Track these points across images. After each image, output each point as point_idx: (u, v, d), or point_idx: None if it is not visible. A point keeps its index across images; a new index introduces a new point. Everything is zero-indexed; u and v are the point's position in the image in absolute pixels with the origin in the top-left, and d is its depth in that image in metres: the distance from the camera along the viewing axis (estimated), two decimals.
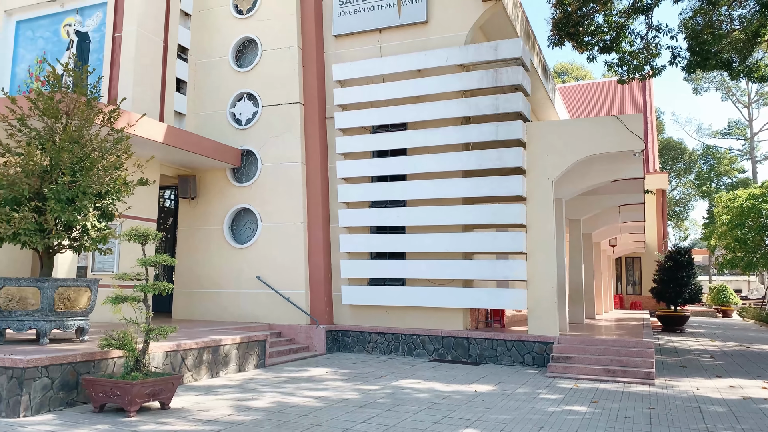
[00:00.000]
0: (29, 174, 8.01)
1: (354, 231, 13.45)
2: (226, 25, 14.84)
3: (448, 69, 12.75)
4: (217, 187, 14.38)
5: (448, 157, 12.40)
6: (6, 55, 14.84)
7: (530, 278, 11.92)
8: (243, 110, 14.42)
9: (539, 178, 12.05)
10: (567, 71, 53.52)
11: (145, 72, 13.20)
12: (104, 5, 13.79)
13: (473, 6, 12.81)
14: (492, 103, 12.15)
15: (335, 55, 14.14)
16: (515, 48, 12.11)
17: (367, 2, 13.75)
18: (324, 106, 14.11)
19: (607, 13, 15.03)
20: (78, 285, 8.34)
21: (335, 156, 13.80)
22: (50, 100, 8.33)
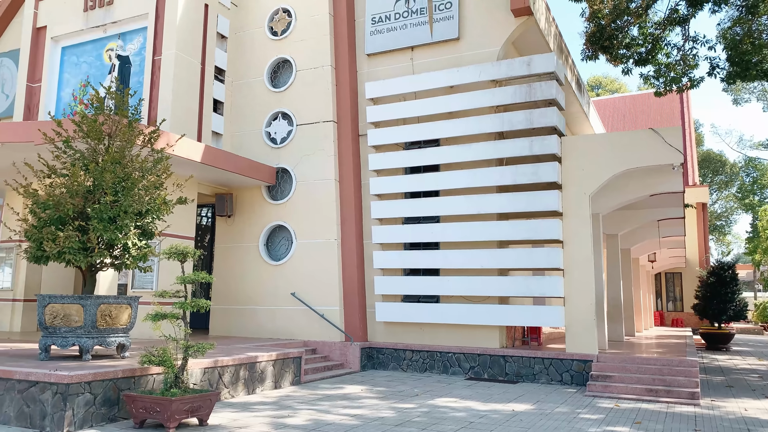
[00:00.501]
0: (74, 194, 8.26)
1: (387, 247, 13.46)
2: (262, 47, 15.15)
3: (480, 85, 12.74)
4: (252, 205, 14.59)
5: (481, 173, 12.35)
6: (52, 80, 15.42)
7: (567, 295, 11.72)
8: (278, 129, 14.65)
9: (575, 193, 11.89)
10: (601, 84, 52.90)
11: (183, 93, 13.55)
12: (144, 30, 14.25)
13: (505, 22, 12.81)
14: (526, 117, 12.07)
15: (368, 73, 14.28)
16: (549, 62, 12.04)
17: (399, 21, 13.88)
18: (357, 124, 14.24)
19: (642, 25, 14.85)
20: (119, 302, 8.53)
21: (368, 173, 13.87)
22: (94, 122, 8.61)
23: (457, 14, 13.26)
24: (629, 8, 14.58)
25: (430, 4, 13.56)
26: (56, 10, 15.53)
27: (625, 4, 14.49)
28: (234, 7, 15.49)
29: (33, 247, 8.42)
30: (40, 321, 8.24)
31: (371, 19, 14.25)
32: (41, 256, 8.35)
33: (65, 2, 15.42)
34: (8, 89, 17.56)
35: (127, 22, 14.50)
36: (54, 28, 15.49)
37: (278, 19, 15.07)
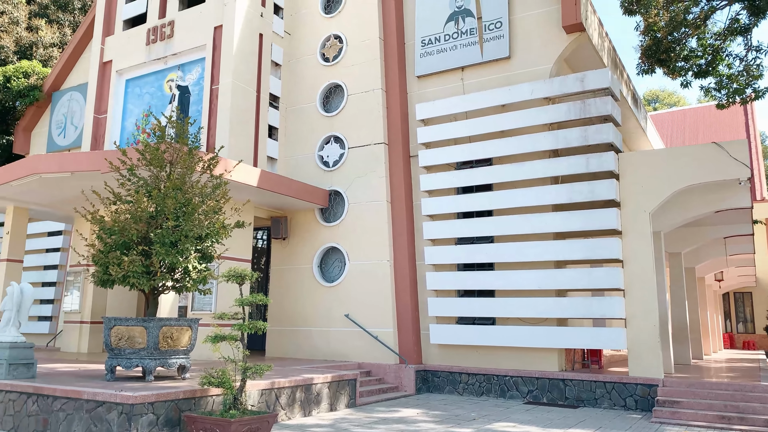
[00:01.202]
0: (137, 220, 8.59)
1: (440, 268, 13.36)
2: (314, 73, 15.48)
3: (533, 103, 12.61)
4: (306, 227, 14.80)
5: (536, 191, 12.15)
6: (117, 111, 16.19)
7: (629, 316, 11.31)
8: (330, 152, 14.87)
9: (635, 211, 11.53)
10: (658, 98, 51.44)
11: (240, 120, 13.96)
12: (203, 60, 14.82)
13: (557, 39, 12.68)
14: (581, 134, 11.84)
15: (418, 94, 14.36)
16: (603, 78, 11.81)
17: (449, 42, 13.94)
18: (408, 145, 14.30)
19: (700, 36, 14.40)
20: (180, 324, 8.76)
21: (420, 194, 13.87)
22: (156, 150, 8.96)
23: (508, 33, 13.21)
24: (687, 20, 14.17)
25: (480, 24, 13.57)
26: (121, 45, 16.36)
27: (683, 16, 14.10)
28: (287, 35, 15.93)
29: (99, 271, 8.78)
30: (106, 343, 8.55)
31: (421, 42, 14.37)
32: (107, 279, 8.69)
33: (129, 37, 16.22)
34: (77, 121, 18.56)
35: (186, 53, 15.13)
36: (119, 62, 16.29)
37: (330, 46, 15.39)
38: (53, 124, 19.29)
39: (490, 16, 13.48)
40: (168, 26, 15.42)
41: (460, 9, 13.92)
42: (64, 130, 18.88)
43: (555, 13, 12.73)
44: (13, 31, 21.38)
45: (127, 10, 16.59)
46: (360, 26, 14.98)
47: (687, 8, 14.27)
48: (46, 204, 14.25)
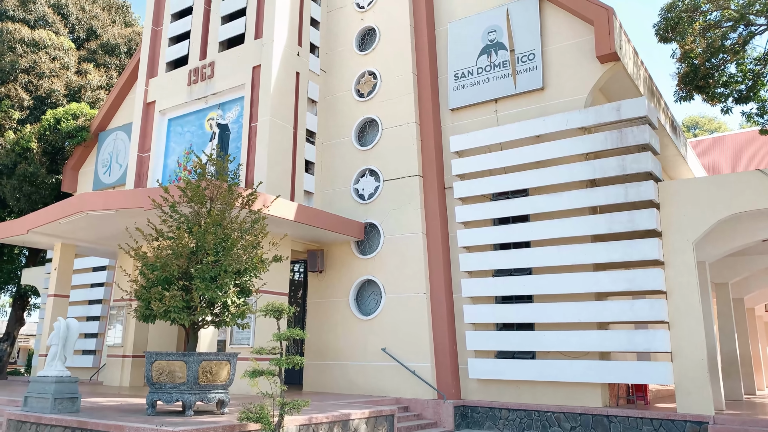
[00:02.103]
0: (178, 255, 8.80)
1: (478, 301, 13.21)
2: (349, 109, 15.77)
3: (568, 133, 12.53)
4: (342, 260, 14.87)
5: (574, 222, 11.98)
6: (159, 149, 16.73)
7: (675, 350, 10.93)
8: (365, 186, 15.01)
9: (677, 241, 11.24)
10: (698, 124, 50.45)
11: (277, 156, 14.25)
12: (242, 99, 15.26)
13: (591, 69, 12.64)
14: (618, 164, 11.69)
15: (452, 127, 14.44)
16: (639, 107, 11.69)
17: (482, 75, 14.04)
18: (443, 177, 14.33)
19: (740, 62, 14.18)
20: (219, 359, 8.85)
21: (455, 225, 13.82)
22: (197, 187, 9.21)
23: (541, 64, 13.24)
24: (724, 46, 13.99)
25: (512, 57, 13.66)
26: (164, 86, 17.00)
27: (720, 42, 13.93)
28: (323, 73, 16.31)
29: (142, 306, 8.99)
30: (148, 377, 8.68)
31: (454, 76, 14.51)
32: (149, 314, 8.88)
33: (172, 78, 16.85)
34: (121, 159, 19.24)
35: (226, 93, 15.61)
36: (162, 102, 16.91)
37: (364, 82, 15.68)
38: (99, 162, 20.04)
39: (523, 48, 13.56)
40: (209, 67, 15.98)
41: (493, 42, 14.05)
42: (110, 169, 19.58)
43: (588, 43, 12.73)
44: (63, 75, 22.46)
45: (170, 53, 17.27)
46: (394, 62, 15.24)
47: (725, 34, 14.10)
48: (91, 240, 14.71)
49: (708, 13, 14.40)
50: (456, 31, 14.74)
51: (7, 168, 20.41)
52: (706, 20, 14.42)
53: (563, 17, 13.24)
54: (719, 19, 14.46)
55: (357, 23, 16.27)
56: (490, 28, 14.17)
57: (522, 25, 13.69)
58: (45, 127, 20.12)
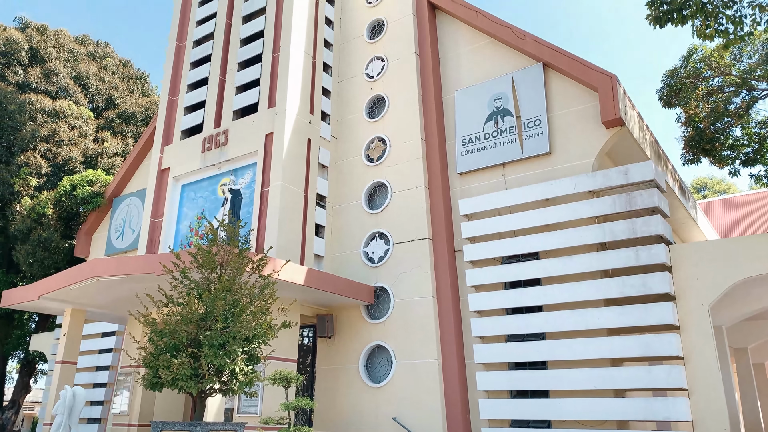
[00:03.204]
0: (188, 322, 8.76)
1: (491, 367, 12.93)
2: (359, 173, 16.02)
3: (576, 196, 12.59)
4: (352, 325, 14.72)
5: (586, 286, 11.85)
6: (172, 215, 16.96)
7: (696, 418, 10.55)
8: (375, 249, 15.04)
9: (692, 305, 11.06)
10: (707, 186, 50.54)
11: (288, 221, 14.39)
12: (254, 165, 15.56)
13: (597, 134, 12.84)
14: (628, 227, 11.67)
15: (461, 190, 14.58)
16: (647, 171, 11.78)
17: (489, 140, 14.29)
18: (452, 240, 14.35)
19: (744, 125, 14.39)
20: (226, 429, 8.66)
21: (466, 289, 13.71)
22: (208, 253, 9.28)
23: (547, 130, 13.48)
24: (728, 110, 14.26)
25: (519, 122, 13.93)
26: (178, 153, 17.41)
27: (724, 107, 14.21)
28: (334, 139, 16.68)
29: (150, 374, 8.88)
30: None
31: (461, 141, 14.78)
32: (157, 382, 8.77)
33: (186, 146, 17.28)
34: (134, 224, 19.49)
35: (239, 159, 15.95)
36: (176, 168, 17.27)
37: (374, 147, 15.99)
38: (112, 227, 20.30)
39: (529, 114, 13.84)
40: (222, 135, 16.40)
41: (499, 109, 14.37)
42: (122, 234, 19.80)
43: (593, 109, 12.98)
44: (81, 143, 23.11)
45: (186, 121, 17.79)
46: (402, 128, 15.58)
47: (728, 99, 14.39)
48: (102, 306, 14.71)
49: (710, 78, 14.75)
50: (463, 99, 15.12)
51: (22, 233, 20.71)
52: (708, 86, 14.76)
53: (568, 84, 13.57)
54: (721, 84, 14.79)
55: (367, 92, 16.75)
56: (496, 95, 14.53)
57: (527, 92, 14.03)
58: (61, 194, 20.53)
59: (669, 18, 10.75)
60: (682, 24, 10.66)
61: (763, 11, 10.21)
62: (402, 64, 16.23)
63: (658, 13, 10.82)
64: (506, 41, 14.62)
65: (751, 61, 14.22)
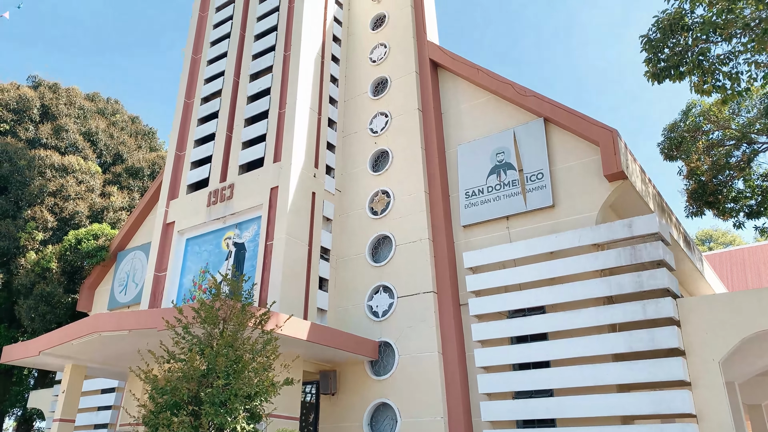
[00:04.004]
0: (189, 379, 8.62)
1: (498, 425, 12.58)
2: (363, 226, 16.07)
3: (581, 249, 12.55)
4: (356, 381, 14.43)
5: (593, 340, 11.66)
6: (176, 269, 16.94)
7: None
8: (379, 302, 14.91)
9: (702, 360, 10.83)
10: (712, 237, 50.40)
11: (292, 274, 14.34)
12: (259, 219, 15.65)
13: (600, 187, 12.91)
14: (634, 280, 11.57)
15: (465, 243, 14.57)
16: (651, 224, 11.77)
17: (492, 193, 14.38)
18: (457, 294, 14.23)
19: (746, 178, 14.48)
20: None
21: (472, 344, 13.50)
22: (211, 308, 9.22)
23: (550, 183, 13.57)
24: (730, 163, 14.39)
25: (521, 176, 14.04)
26: (184, 208, 17.54)
27: (725, 160, 14.34)
28: (338, 192, 16.82)
29: None
30: None
31: (465, 194, 14.87)
32: None
33: (192, 200, 17.43)
34: (138, 278, 19.45)
35: (244, 213, 16.05)
36: (181, 222, 17.37)
37: (378, 200, 16.10)
38: (116, 281, 20.25)
39: (531, 168, 13.97)
40: (228, 189, 16.56)
41: (501, 163, 14.53)
42: (126, 288, 19.74)
43: (596, 163, 13.10)
44: (88, 198, 23.35)
45: (192, 176, 18.00)
46: (406, 181, 15.72)
47: (729, 152, 14.54)
48: (103, 361, 14.52)
49: (710, 132, 14.95)
50: (465, 153, 15.31)
51: (26, 288, 20.67)
52: (708, 139, 14.93)
53: (569, 138, 13.75)
54: (722, 137, 14.98)
55: (371, 146, 17.00)
56: (498, 149, 14.71)
57: (529, 147, 14.21)
58: (66, 248, 20.60)
59: (667, 74, 11.02)
60: (680, 80, 10.90)
61: (759, 68, 10.44)
62: (405, 119, 16.53)
63: (656, 70, 11.09)
64: (507, 97, 14.92)
65: (750, 115, 14.44)
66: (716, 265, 31.44)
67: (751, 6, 10.41)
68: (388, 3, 18.69)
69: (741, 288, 26.97)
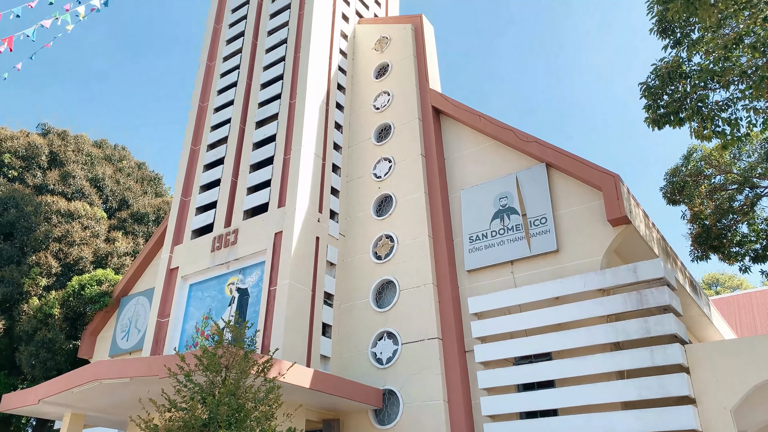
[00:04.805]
0: (190, 428, 8.46)
1: None
2: (367, 271, 16.01)
3: (586, 294, 12.46)
4: (359, 431, 14.11)
5: (601, 388, 11.44)
6: (179, 315, 16.84)
7: None
8: (383, 349, 14.72)
9: (713, 409, 10.60)
10: (719, 281, 49.96)
11: (295, 320, 14.23)
12: (262, 264, 15.63)
13: (604, 231, 12.91)
14: (641, 326, 11.44)
15: (469, 288, 14.48)
16: (656, 269, 11.71)
17: (496, 238, 14.37)
18: (462, 340, 14.06)
19: (750, 222, 14.46)
20: None
21: (478, 392, 13.26)
22: (213, 356, 9.12)
23: (554, 228, 13.58)
24: (733, 207, 14.40)
25: (525, 220, 14.07)
26: (188, 253, 17.56)
27: (728, 204, 14.36)
28: (342, 237, 16.85)
29: None
30: None
31: (469, 238, 14.87)
32: None
33: (196, 245, 17.46)
34: (140, 324, 19.31)
35: (248, 258, 16.05)
36: (185, 268, 17.35)
37: (382, 245, 16.10)
38: (118, 327, 20.10)
39: (535, 212, 14.01)
40: (232, 234, 16.61)
41: (505, 207, 14.58)
42: (128, 334, 19.58)
43: (599, 207, 13.13)
44: (93, 243, 23.42)
45: (197, 221, 18.09)
46: (410, 226, 15.75)
47: (731, 196, 14.57)
48: (103, 410, 14.27)
49: (712, 176, 15.02)
50: (469, 197, 15.38)
51: (27, 334, 20.52)
52: (711, 183, 14.99)
53: (571, 183, 13.83)
54: (724, 182, 15.03)
55: (374, 191, 17.11)
56: (501, 194, 14.78)
57: (532, 191, 14.28)
58: (69, 293, 20.54)
59: (667, 120, 11.15)
60: (679, 126, 11.03)
61: (758, 113, 10.58)
62: (409, 164, 16.68)
63: (655, 116, 11.23)
64: (509, 143, 15.09)
65: (751, 159, 14.53)
66: (724, 310, 31.06)
67: (747, 54, 10.62)
68: (391, 53, 19.14)
69: (750, 333, 26.62)
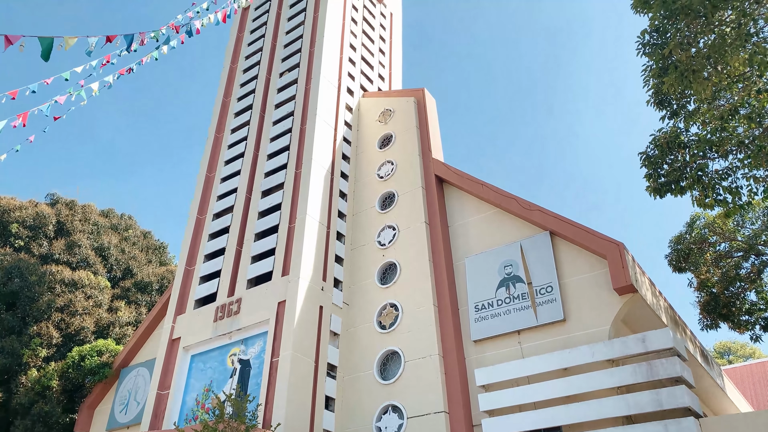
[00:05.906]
0: None
1: None
2: (371, 341, 15.75)
3: (595, 365, 12.19)
4: None
5: None
6: (179, 387, 16.47)
7: None
8: (388, 424, 14.28)
9: None
10: (730, 350, 48.86)
11: (297, 392, 13.89)
12: (265, 334, 15.43)
13: (611, 300, 12.77)
14: (653, 398, 11.11)
15: (476, 359, 14.18)
16: (665, 338, 11.51)
17: (502, 307, 14.22)
18: (470, 413, 13.64)
19: (758, 290, 14.33)
20: None
21: None
22: (214, 431, 8.86)
23: (560, 296, 13.45)
24: (740, 275, 14.30)
25: (531, 289, 13.96)
26: (191, 323, 17.38)
27: (735, 272, 14.27)
28: (345, 305, 16.70)
29: None
30: None
31: (474, 307, 14.71)
32: None
33: (199, 315, 17.31)
34: (140, 397, 18.85)
35: (250, 328, 15.86)
36: (187, 338, 17.12)
37: (386, 314, 15.92)
38: (117, 400, 19.61)
39: (540, 281, 13.92)
40: (235, 303, 16.49)
41: (510, 275, 14.50)
42: (127, 407, 19.08)
43: (605, 276, 13.04)
44: (95, 313, 23.22)
45: (200, 290, 18.02)
46: (414, 295, 15.63)
47: (737, 264, 14.50)
48: None
49: (717, 244, 15.00)
50: (473, 265, 15.34)
51: (23, 407, 20.01)
52: (716, 251, 14.96)
53: (576, 251, 13.81)
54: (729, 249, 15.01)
55: (379, 259, 17.09)
56: (506, 262, 14.74)
57: (537, 259, 14.24)
58: (69, 365, 20.17)
59: (668, 189, 11.26)
60: (681, 194, 11.13)
61: (758, 182, 10.68)
62: (413, 232, 16.75)
63: (656, 185, 11.35)
64: (512, 211, 15.19)
65: (755, 227, 14.55)
66: (738, 380, 30.21)
67: (744, 124, 10.85)
68: (395, 124, 19.60)
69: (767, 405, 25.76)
